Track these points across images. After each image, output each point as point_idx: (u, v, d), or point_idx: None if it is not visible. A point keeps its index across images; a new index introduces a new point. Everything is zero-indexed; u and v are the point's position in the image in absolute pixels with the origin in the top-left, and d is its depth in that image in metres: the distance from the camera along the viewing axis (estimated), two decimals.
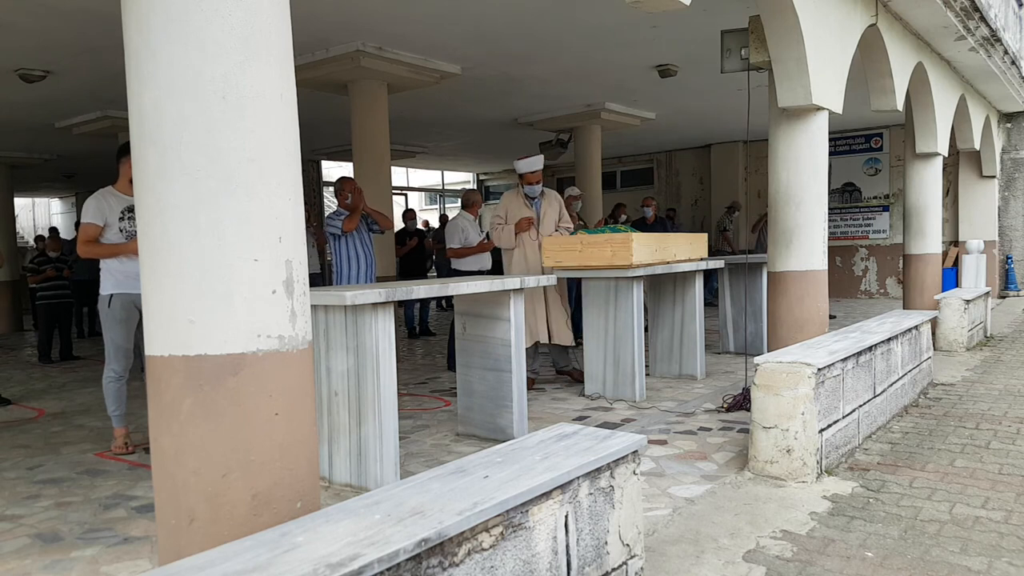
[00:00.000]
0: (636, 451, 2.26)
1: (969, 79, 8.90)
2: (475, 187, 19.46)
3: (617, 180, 15.52)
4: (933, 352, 5.81)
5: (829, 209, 9.60)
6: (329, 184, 17.82)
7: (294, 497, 1.89)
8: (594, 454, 2.10)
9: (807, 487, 3.36)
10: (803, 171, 5.00)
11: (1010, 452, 3.83)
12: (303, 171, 2.10)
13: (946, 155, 8.11)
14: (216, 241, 1.82)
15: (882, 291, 12.84)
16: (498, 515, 1.69)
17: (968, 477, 3.46)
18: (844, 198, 12.92)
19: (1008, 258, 11.65)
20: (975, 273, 8.64)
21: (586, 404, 5.27)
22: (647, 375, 5.80)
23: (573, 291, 7.58)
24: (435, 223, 17.28)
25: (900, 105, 6.43)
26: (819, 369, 3.49)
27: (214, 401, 1.81)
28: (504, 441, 4.26)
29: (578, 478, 1.99)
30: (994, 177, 11.30)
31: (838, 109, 5.23)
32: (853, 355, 3.93)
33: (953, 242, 11.57)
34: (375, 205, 7.32)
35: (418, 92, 7.83)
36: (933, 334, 6.57)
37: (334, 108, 7.71)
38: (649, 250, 5.24)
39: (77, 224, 4.67)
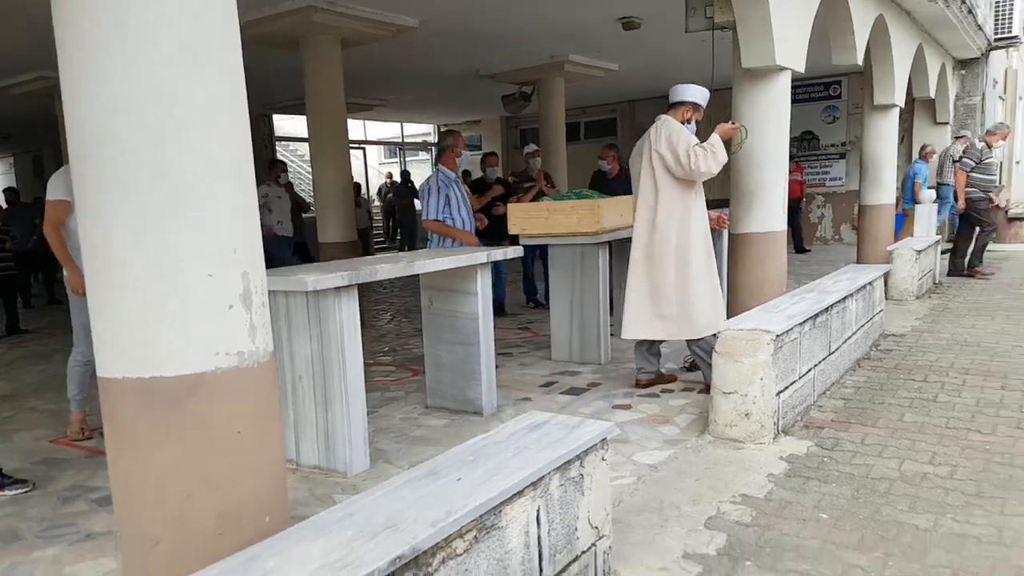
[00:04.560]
0: (605, 439, 2.33)
1: (927, 28, 8.97)
2: (436, 139, 19.11)
3: (581, 131, 15.42)
4: (885, 302, 6.02)
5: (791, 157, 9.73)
6: (284, 139, 17.39)
7: (262, 513, 1.91)
8: (565, 446, 2.16)
9: (765, 448, 3.51)
10: (766, 133, 5.04)
11: (955, 405, 4.03)
12: (253, 126, 2.05)
13: (903, 105, 8.22)
14: (167, 258, 1.78)
15: (837, 237, 13.13)
16: (472, 520, 1.75)
17: (917, 432, 3.64)
18: (802, 146, 13.06)
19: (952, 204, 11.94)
20: (927, 222, 8.88)
21: (552, 369, 5.37)
22: (611, 336, 5.91)
23: (531, 259, 7.61)
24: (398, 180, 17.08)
25: (860, 60, 6.49)
26: (777, 335, 3.61)
27: (173, 423, 1.80)
28: (474, 413, 4.40)
29: (549, 472, 2.05)
30: (947, 123, 11.50)
31: (801, 69, 5.26)
32: (810, 318, 4.07)
33: None
34: (333, 161, 7.17)
35: (375, 46, 7.59)
36: (885, 283, 6.79)
37: (286, 60, 7.42)
38: (615, 214, 5.28)
39: (40, 200, 4.49)
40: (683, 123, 4.38)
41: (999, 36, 11.76)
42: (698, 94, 4.45)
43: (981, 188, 8.35)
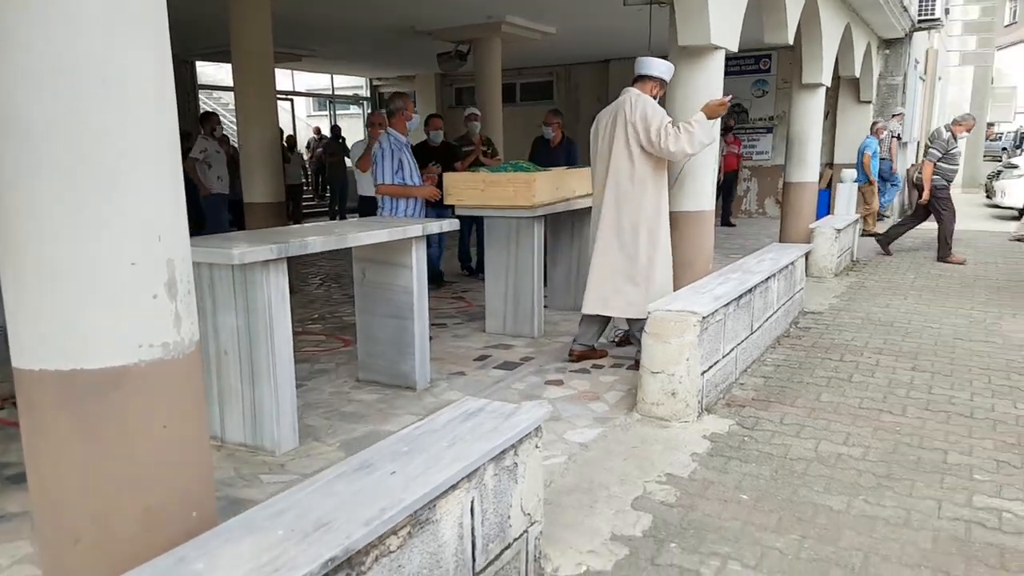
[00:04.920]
0: (539, 426, 2.35)
1: (856, 8, 9.21)
2: (368, 93, 18.59)
3: (517, 93, 15.25)
4: (805, 280, 6.27)
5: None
6: (207, 87, 16.53)
7: (188, 508, 1.85)
8: (500, 435, 2.17)
9: (689, 426, 3.64)
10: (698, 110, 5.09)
11: (869, 385, 4.26)
12: (175, 73, 1.93)
13: (829, 85, 8.46)
14: (88, 245, 1.67)
15: (761, 211, 13.53)
16: (406, 517, 1.74)
17: (832, 412, 3.84)
18: (739, 119, 13.30)
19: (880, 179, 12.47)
20: (847, 201, 9.25)
21: (486, 342, 5.38)
22: (545, 307, 5.95)
23: (468, 228, 7.52)
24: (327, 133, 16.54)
25: (791, 39, 6.62)
26: (704, 317, 3.71)
27: (95, 418, 1.71)
28: (406, 387, 4.37)
29: (484, 463, 2.06)
30: (870, 102, 11.91)
31: (734, 48, 5.34)
32: (735, 298, 4.20)
33: (828, 164, 12.24)
34: (259, 113, 6.82)
35: None
36: (806, 261, 7.06)
37: (210, 4, 6.96)
38: (551, 188, 5.27)
39: None
40: (652, 98, 4.38)
41: (923, 18, 12.21)
42: (665, 69, 4.44)
43: (945, 177, 8.51)
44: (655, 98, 4.39)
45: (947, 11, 15.22)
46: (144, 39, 1.72)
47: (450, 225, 4.54)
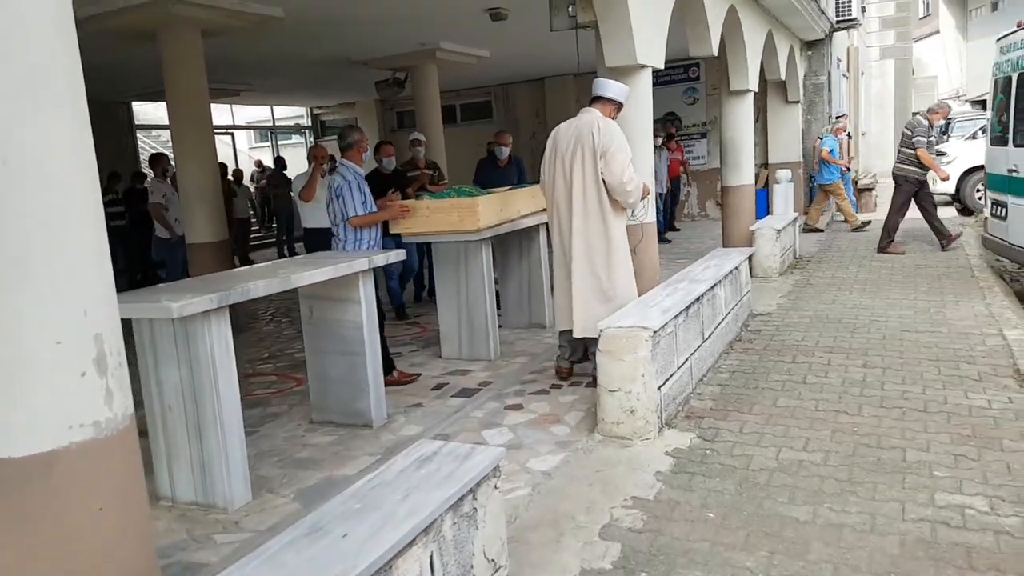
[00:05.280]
0: (497, 466, 2.29)
1: (776, 15, 9.48)
2: (310, 122, 18.36)
3: (457, 114, 15.28)
4: (751, 282, 6.36)
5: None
6: (145, 127, 16.10)
7: None
8: (456, 481, 2.11)
9: (651, 443, 3.62)
10: (631, 129, 5.07)
11: (824, 386, 4.31)
12: (111, 113, 1.85)
13: (756, 90, 8.66)
14: (8, 328, 1.58)
15: (703, 214, 13.78)
16: None
17: (790, 417, 3.86)
18: (674, 127, 13.52)
19: (811, 177, 12.82)
20: (784, 201, 9.47)
21: (443, 368, 5.31)
22: (500, 327, 5.91)
23: (420, 255, 7.44)
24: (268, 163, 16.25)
25: (715, 50, 6.76)
26: (654, 332, 3.70)
27: (24, 508, 1.60)
28: (363, 426, 4.26)
29: (442, 514, 1.99)
30: (798, 102, 12.27)
31: (660, 65, 5.41)
32: (684, 309, 4.21)
33: (764, 164, 12.55)
34: (198, 151, 6.69)
35: (239, 33, 7.12)
36: (750, 263, 7.18)
37: (143, 49, 6.83)
38: (495, 211, 5.24)
39: None
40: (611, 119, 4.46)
41: (840, 19, 12.69)
42: (622, 92, 4.52)
43: (918, 167, 8.41)
44: (613, 120, 4.47)
45: (863, 9, 15.83)
46: (56, 118, 1.64)
47: (396, 256, 4.47)
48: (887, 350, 4.93)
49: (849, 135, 12.12)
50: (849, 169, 12.07)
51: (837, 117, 11.94)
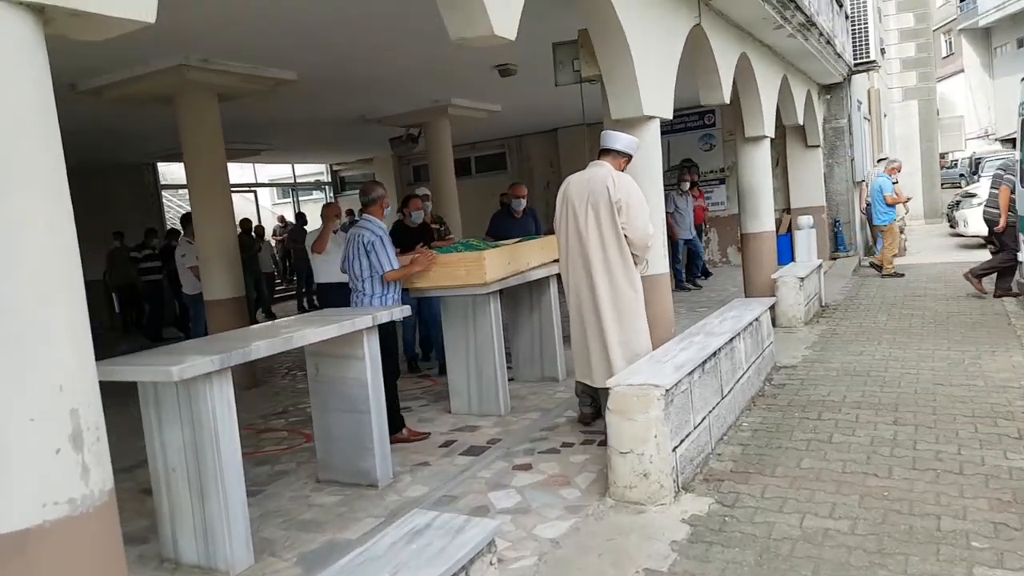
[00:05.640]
0: (492, 540, 2.16)
1: (790, 60, 9.47)
2: (329, 178, 18.68)
3: (472, 166, 15.47)
4: (774, 331, 6.17)
5: (670, 186, 9.98)
6: (170, 187, 16.51)
7: None
8: (447, 558, 1.99)
9: (666, 509, 3.44)
10: (640, 180, 4.98)
11: (851, 446, 4.07)
12: (137, 174, 1.84)
13: (773, 135, 8.59)
14: None
15: (724, 260, 13.61)
16: None
17: (815, 480, 3.65)
18: (695, 175, 13.48)
19: (836, 222, 12.65)
20: (807, 247, 9.31)
21: (452, 424, 5.19)
22: (511, 380, 5.79)
23: (430, 310, 7.37)
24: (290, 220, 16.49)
25: (727, 98, 6.72)
26: (667, 390, 3.55)
27: None
28: (368, 485, 4.13)
29: None
30: (819, 146, 12.18)
31: (668, 116, 5.37)
32: (699, 365, 4.05)
33: (786, 209, 12.41)
34: (215, 210, 6.81)
35: (255, 97, 7.31)
36: (773, 312, 7.00)
37: (163, 114, 7.06)
38: (502, 264, 5.19)
39: None
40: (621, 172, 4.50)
41: (859, 61, 12.61)
42: (631, 144, 4.56)
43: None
44: (622, 171, 4.49)
45: (883, 51, 15.78)
46: (34, 197, 1.64)
47: (401, 312, 4.41)
48: (919, 405, 4.67)
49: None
50: (908, 209, 11.67)
51: (885, 159, 11.66)
